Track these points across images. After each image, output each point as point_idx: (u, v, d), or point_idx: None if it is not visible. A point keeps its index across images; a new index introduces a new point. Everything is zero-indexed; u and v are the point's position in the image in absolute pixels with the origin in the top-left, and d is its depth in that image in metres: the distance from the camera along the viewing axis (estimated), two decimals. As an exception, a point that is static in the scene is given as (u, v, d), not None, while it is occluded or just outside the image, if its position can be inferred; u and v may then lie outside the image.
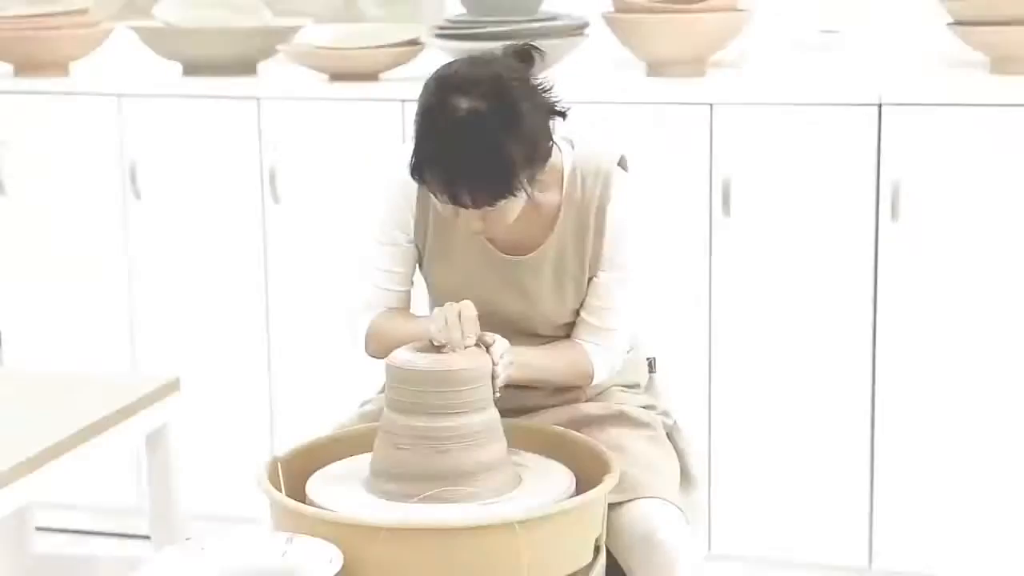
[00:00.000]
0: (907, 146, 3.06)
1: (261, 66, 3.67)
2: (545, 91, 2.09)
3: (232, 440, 3.54)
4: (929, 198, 3.07)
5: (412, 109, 3.22)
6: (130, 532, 3.64)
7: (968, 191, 3.06)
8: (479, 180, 2.02)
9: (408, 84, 3.39)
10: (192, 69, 3.60)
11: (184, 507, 2.65)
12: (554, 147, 2.16)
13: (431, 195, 2.12)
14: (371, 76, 3.47)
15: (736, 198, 3.17)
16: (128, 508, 3.64)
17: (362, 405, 2.46)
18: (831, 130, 3.10)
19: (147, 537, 3.51)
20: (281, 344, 3.49)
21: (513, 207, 2.11)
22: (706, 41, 3.33)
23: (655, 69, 3.37)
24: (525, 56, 2.11)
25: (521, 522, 1.95)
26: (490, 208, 2.07)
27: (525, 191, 2.07)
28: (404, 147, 2.17)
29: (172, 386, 2.59)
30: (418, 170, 2.06)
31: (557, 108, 2.11)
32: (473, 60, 2.06)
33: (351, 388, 3.34)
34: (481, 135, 2.01)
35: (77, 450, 2.35)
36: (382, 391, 2.49)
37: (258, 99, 3.41)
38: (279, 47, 3.56)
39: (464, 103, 2.01)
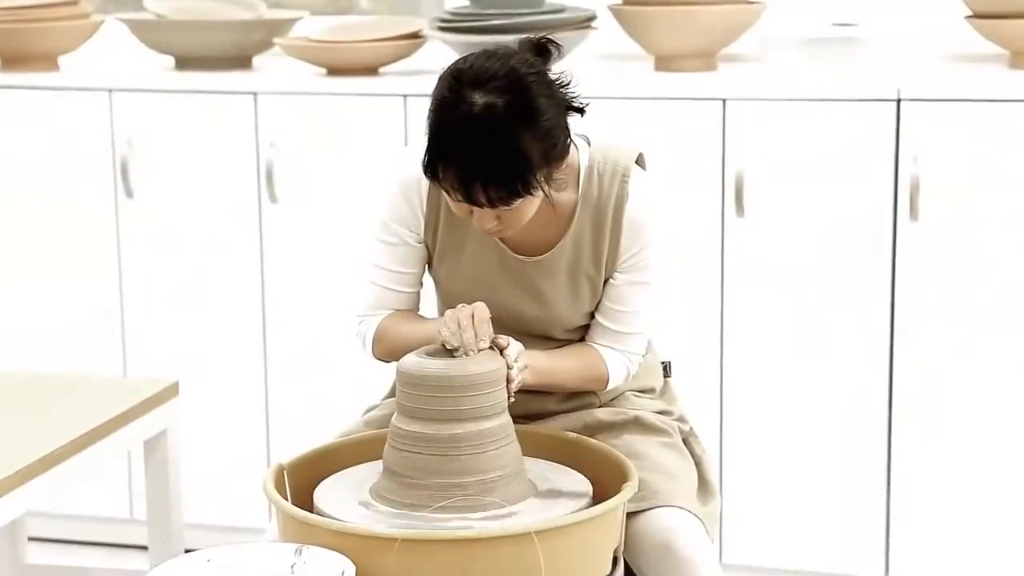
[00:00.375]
0: (927, 143, 3.06)
1: (256, 60, 3.66)
2: (563, 86, 2.08)
3: (227, 446, 3.52)
4: (950, 197, 3.07)
5: (414, 104, 3.31)
6: (121, 542, 3.63)
7: (990, 189, 3.05)
8: (495, 178, 2.01)
9: (409, 79, 3.39)
10: (185, 63, 3.59)
11: (183, 516, 2.63)
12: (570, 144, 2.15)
13: (443, 193, 2.11)
14: (371, 70, 3.46)
15: (749, 197, 3.16)
16: (118, 517, 3.63)
17: (367, 411, 2.46)
18: (848, 127, 3.10)
19: (140, 547, 3.53)
20: (278, 348, 3.48)
21: (530, 206, 2.10)
22: (717, 34, 3.32)
23: (664, 63, 3.36)
24: (542, 50, 2.10)
25: (539, 532, 1.95)
26: (506, 208, 2.06)
27: (543, 190, 2.06)
28: (414, 143, 2.17)
29: (171, 390, 2.58)
30: (431, 167, 2.05)
31: (575, 104, 2.10)
32: (489, 54, 2.05)
33: (351, 393, 3.34)
34: (498, 131, 2.00)
35: (75, 458, 2.34)
36: (388, 397, 2.49)
37: (255, 94, 3.39)
38: (275, 40, 3.55)
39: (480, 98, 2.00)
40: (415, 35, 3.49)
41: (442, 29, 3.38)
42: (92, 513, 3.63)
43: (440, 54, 3.50)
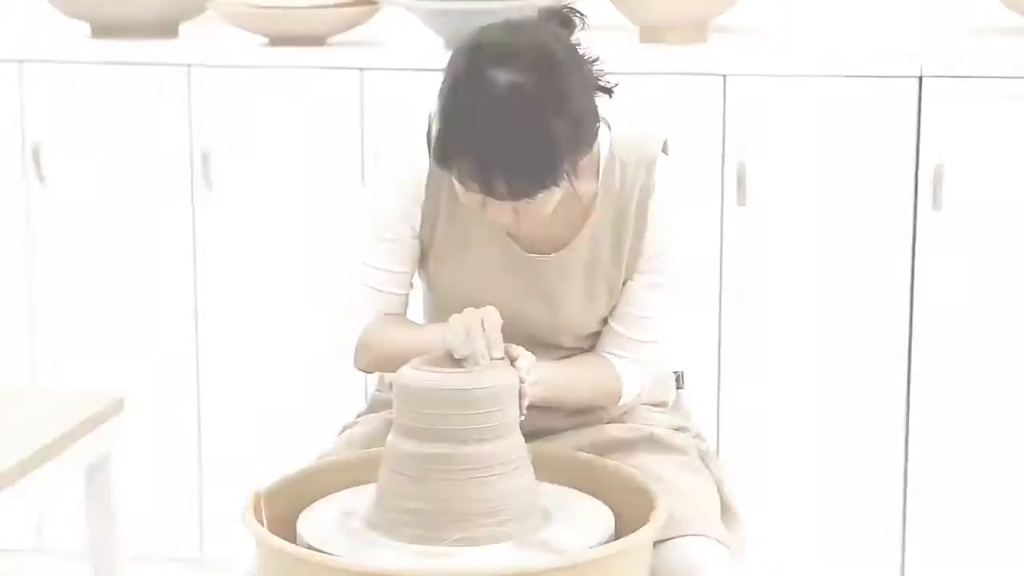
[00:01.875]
0: (951, 125, 3.08)
1: (184, 28, 3.62)
2: (591, 63, 2.08)
3: (154, 467, 3.48)
4: (976, 184, 3.09)
5: (372, 79, 3.28)
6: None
7: (1020, 177, 3.08)
8: (520, 167, 2.00)
9: (364, 50, 3.38)
10: (102, 31, 3.55)
11: (127, 549, 2.60)
12: (595, 129, 2.15)
13: (454, 183, 2.09)
14: (318, 40, 3.44)
15: (752, 185, 3.17)
16: (22, 548, 3.60)
17: (344, 429, 2.44)
18: (863, 106, 3.12)
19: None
20: (212, 358, 3.45)
21: (552, 199, 2.09)
22: (711, 1, 3.33)
23: (650, 33, 3.37)
24: (566, 21, 2.10)
25: (566, 568, 1.94)
26: (528, 200, 2.05)
27: (568, 180, 2.06)
28: (413, 125, 2.16)
29: (115, 406, 2.54)
30: (444, 155, 2.03)
31: (602, 83, 2.10)
32: (512, 26, 2.04)
33: (297, 407, 3.33)
34: (524, 114, 1.99)
35: (13, 488, 2.29)
36: (366, 412, 2.47)
37: (188, 66, 3.36)
38: (207, 5, 3.51)
39: (504, 76, 1.99)
40: (368, 0, 3.46)
41: (401, -6, 3.37)
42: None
43: (398, 22, 3.49)
